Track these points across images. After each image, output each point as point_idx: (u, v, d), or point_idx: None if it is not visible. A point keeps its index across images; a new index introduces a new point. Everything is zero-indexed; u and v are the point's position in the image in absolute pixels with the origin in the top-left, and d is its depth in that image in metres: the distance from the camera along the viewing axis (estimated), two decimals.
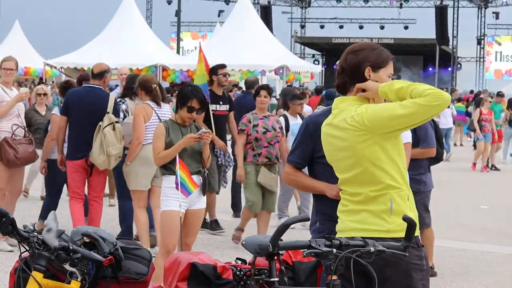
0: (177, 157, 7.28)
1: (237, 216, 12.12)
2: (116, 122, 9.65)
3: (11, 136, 9.63)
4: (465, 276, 9.57)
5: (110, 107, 9.66)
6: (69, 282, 4.11)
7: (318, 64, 57.24)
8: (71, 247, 4.05)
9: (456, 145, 30.87)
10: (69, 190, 10.11)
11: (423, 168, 8.87)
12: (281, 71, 33.74)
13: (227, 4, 59.05)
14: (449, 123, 25.12)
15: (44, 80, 35.33)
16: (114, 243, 4.29)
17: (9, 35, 48.94)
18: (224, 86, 11.81)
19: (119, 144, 9.60)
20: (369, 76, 4.30)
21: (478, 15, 61.84)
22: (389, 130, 4.15)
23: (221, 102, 11.63)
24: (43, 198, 12.51)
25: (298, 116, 11.77)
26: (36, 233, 4.11)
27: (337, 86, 4.46)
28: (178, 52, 44.38)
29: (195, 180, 7.40)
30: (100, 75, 9.89)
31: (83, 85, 10.21)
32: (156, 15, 61.60)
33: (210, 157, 7.83)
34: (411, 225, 3.92)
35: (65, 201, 13.06)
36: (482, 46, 62.80)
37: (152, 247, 9.74)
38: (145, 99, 9.57)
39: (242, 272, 4.43)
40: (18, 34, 48.27)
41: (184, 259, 4.46)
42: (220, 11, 61.71)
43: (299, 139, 4.88)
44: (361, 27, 66.04)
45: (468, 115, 35.66)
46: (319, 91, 25.46)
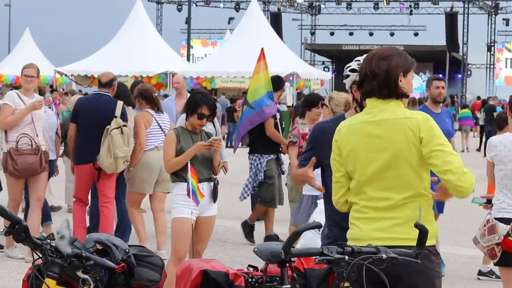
0: (189, 164, 7.28)
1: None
2: (124, 126, 9.72)
3: (16, 147, 9.52)
4: (477, 284, 9.55)
5: (118, 112, 9.72)
6: None
7: (328, 71, 57.35)
8: (84, 254, 4.07)
9: (464, 151, 30.79)
10: (74, 194, 10.11)
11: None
12: (291, 78, 33.81)
13: (237, 12, 59.12)
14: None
15: (55, 87, 35.42)
16: (127, 250, 4.31)
17: (20, 43, 49.20)
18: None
19: (126, 148, 9.66)
20: (401, 81, 4.30)
21: (488, 22, 61.73)
22: (426, 156, 4.18)
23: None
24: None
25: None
26: (49, 240, 4.13)
27: (365, 93, 4.32)
28: (188, 59, 44.52)
29: (206, 187, 7.41)
30: (109, 84, 9.97)
31: (93, 92, 10.32)
32: (166, 23, 61.70)
33: (221, 164, 7.85)
34: (423, 232, 3.92)
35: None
36: (492, 53, 62.70)
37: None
38: (145, 107, 10.18)
39: (254, 279, 4.44)
40: (29, 42, 48.50)
41: (196, 266, 4.48)
42: (230, 18, 61.84)
43: (306, 146, 5.10)
44: (371, 34, 66.09)
45: (476, 121, 35.63)
46: None
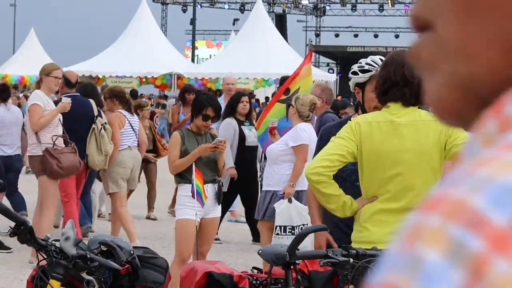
0: (193, 166, 7.29)
1: None
2: (106, 123, 10.02)
3: (53, 147, 9.53)
4: None
5: (96, 111, 9.92)
6: None
7: (333, 73, 57.24)
8: (89, 256, 4.08)
9: None
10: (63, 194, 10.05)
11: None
12: None
13: (242, 13, 59.16)
14: None
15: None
16: (131, 252, 4.32)
17: (25, 43, 49.25)
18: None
19: (111, 145, 10.03)
20: None
21: None
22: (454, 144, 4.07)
23: None
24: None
25: None
26: (54, 242, 4.14)
27: (392, 99, 4.12)
28: (193, 61, 44.52)
29: (210, 189, 7.42)
30: (76, 84, 10.20)
31: (66, 95, 9.92)
32: (171, 24, 61.84)
33: (226, 165, 7.86)
34: None
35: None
36: None
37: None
38: (118, 108, 10.55)
39: (259, 281, 4.44)
40: (34, 42, 48.55)
41: (201, 268, 4.48)
42: (235, 20, 61.87)
43: (316, 150, 5.03)
44: (376, 36, 66.10)
45: None
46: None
